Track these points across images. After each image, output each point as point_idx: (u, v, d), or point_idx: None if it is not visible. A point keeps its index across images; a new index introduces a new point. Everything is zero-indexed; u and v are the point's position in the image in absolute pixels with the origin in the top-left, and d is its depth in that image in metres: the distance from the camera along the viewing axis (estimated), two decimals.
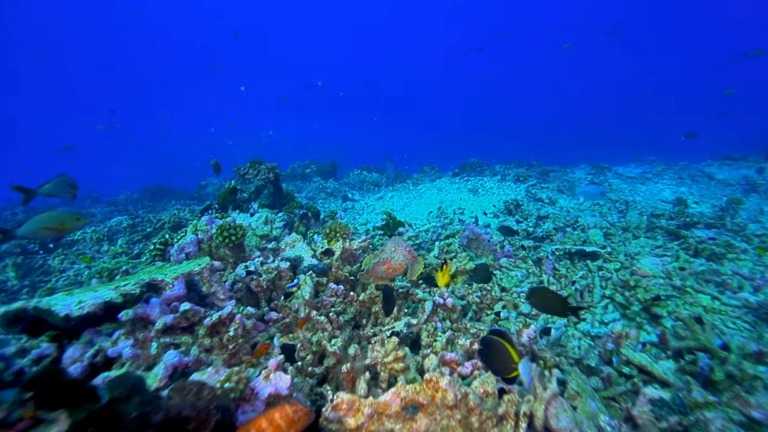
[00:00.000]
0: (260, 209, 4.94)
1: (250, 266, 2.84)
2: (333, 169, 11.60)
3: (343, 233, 3.36)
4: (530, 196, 7.83)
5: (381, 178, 11.67)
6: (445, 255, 3.99)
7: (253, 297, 2.80)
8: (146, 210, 10.70)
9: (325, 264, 3.11)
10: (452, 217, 6.42)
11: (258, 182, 5.08)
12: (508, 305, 3.27)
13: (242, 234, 2.90)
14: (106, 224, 7.30)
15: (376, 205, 8.58)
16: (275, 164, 5.16)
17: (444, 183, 9.60)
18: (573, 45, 14.38)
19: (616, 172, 10.50)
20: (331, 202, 9.03)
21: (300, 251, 3.18)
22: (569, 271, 3.63)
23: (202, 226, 2.94)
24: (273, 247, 3.31)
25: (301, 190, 10.30)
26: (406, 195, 9.10)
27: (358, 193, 9.93)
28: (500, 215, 6.66)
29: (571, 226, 5.70)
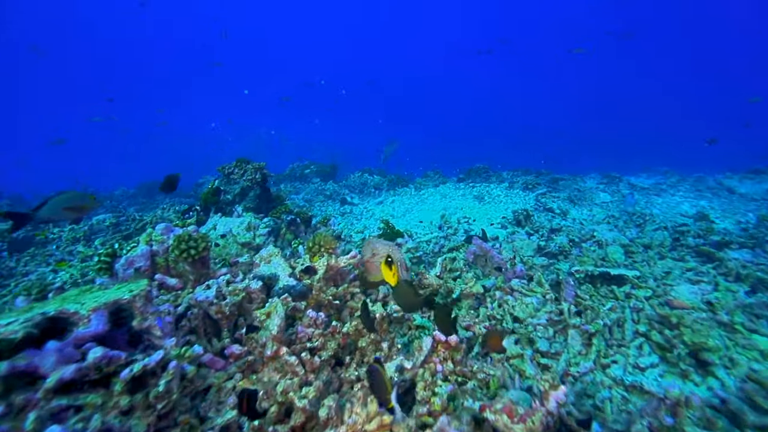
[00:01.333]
0: (244, 213, 4.43)
1: (213, 287, 2.31)
2: (333, 170, 11.09)
3: (328, 247, 2.83)
4: (540, 206, 7.27)
5: (383, 181, 11.14)
6: (448, 273, 3.45)
7: (214, 325, 2.27)
8: (139, 207, 10.24)
9: (305, 285, 2.57)
10: (457, 227, 5.88)
11: (244, 183, 4.57)
12: (521, 340, 2.72)
13: (204, 246, 2.38)
14: (88, 222, 6.80)
15: (375, 210, 8.05)
16: (263, 164, 4.64)
17: (448, 189, 9.06)
18: (584, 48, 13.82)
19: (629, 182, 9.92)
20: (328, 206, 8.51)
21: (276, 268, 2.65)
22: (593, 298, 3.07)
23: (156, 235, 2.42)
24: (246, 261, 2.78)
25: (299, 192, 9.78)
26: (408, 200, 8.57)
27: (358, 196, 9.40)
28: (509, 226, 6.11)
29: (587, 240, 5.14)
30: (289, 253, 3.46)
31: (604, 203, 7.93)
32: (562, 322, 2.77)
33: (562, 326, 2.75)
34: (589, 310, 2.77)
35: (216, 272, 2.52)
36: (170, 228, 2.47)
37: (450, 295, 3.15)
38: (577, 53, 13.19)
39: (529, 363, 2.49)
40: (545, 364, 2.51)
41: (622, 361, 2.49)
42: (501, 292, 3.21)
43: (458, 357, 2.29)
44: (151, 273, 2.43)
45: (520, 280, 3.41)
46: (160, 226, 2.43)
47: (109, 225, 6.74)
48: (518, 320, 2.85)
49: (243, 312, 2.48)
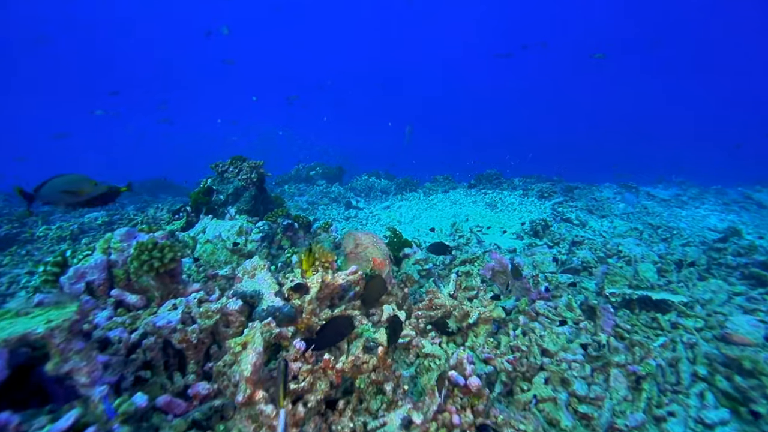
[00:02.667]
0: (237, 216, 3.99)
1: (179, 308, 1.87)
2: (340, 172, 10.66)
3: (324, 260, 2.37)
4: (557, 216, 6.77)
5: (390, 185, 10.69)
6: (462, 292, 2.97)
7: (177, 356, 1.82)
8: (140, 205, 9.88)
9: (294, 306, 2.12)
10: (469, 236, 5.40)
11: (238, 183, 4.13)
12: (553, 379, 2.24)
13: (172, 257, 1.93)
14: (79, 220, 6.42)
15: (382, 215, 7.59)
16: (260, 162, 4.21)
17: (458, 195, 8.58)
18: (603, 54, 13.28)
19: (648, 193, 9.37)
20: (333, 209, 8.07)
21: (261, 284, 2.19)
22: (636, 328, 2.58)
23: (115, 242, 1.99)
24: (227, 274, 2.33)
25: (303, 194, 9.36)
26: (416, 206, 8.10)
27: (364, 200, 8.95)
28: (525, 237, 5.61)
29: (613, 256, 4.63)
30: (282, 263, 3.01)
31: (624, 214, 7.40)
32: (601, 358, 2.28)
33: (601, 364, 2.26)
34: (637, 346, 2.28)
35: (187, 288, 2.07)
36: (132, 234, 2.03)
37: (466, 320, 2.68)
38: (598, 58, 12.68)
39: (564, 410, 2.01)
40: (584, 412, 2.02)
41: (681, 413, 2.00)
42: (525, 317, 2.73)
43: (480, 406, 1.81)
44: (106, 288, 1.99)
45: (545, 302, 2.92)
46: (119, 231, 2.00)
47: (102, 224, 6.36)
48: (548, 353, 2.36)
49: (218, 337, 2.03)
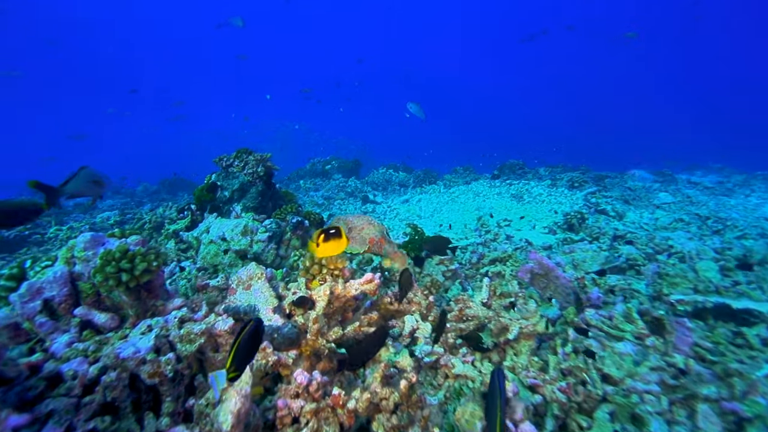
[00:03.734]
0: (243, 213, 3.63)
1: (152, 332, 1.49)
2: (356, 166, 10.25)
3: (334, 266, 1.96)
4: (590, 207, 6.18)
5: (408, 177, 10.22)
6: (497, 299, 2.51)
7: (149, 394, 1.45)
8: (157, 204, 9.72)
9: (297, 326, 1.72)
10: (497, 231, 4.90)
11: (244, 178, 3.76)
12: (619, 413, 1.77)
13: (145, 269, 1.55)
14: (91, 220, 6.23)
15: (400, 209, 7.15)
16: (267, 155, 3.82)
17: (482, 186, 8.04)
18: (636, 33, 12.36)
19: (689, 180, 8.61)
20: (349, 204, 7.67)
21: (257, 297, 1.80)
22: (722, 348, 2.07)
23: (79, 250, 1.63)
24: (219, 285, 1.94)
25: (319, 188, 9.00)
26: (437, 199, 7.62)
27: (382, 194, 8.53)
28: (558, 231, 5.08)
29: (662, 252, 4.07)
30: (286, 269, 2.62)
31: (664, 204, 6.74)
32: (681, 388, 1.80)
33: (682, 396, 1.78)
34: (735, 376, 1.78)
35: (167, 304, 1.69)
36: (99, 239, 1.66)
37: (504, 335, 2.23)
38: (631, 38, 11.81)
39: None
40: None
41: None
42: (574, 330, 2.26)
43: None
44: (70, 306, 1.63)
45: (597, 311, 2.44)
46: (83, 236, 1.63)
47: (113, 223, 6.15)
48: (611, 380, 1.89)
49: (206, 364, 1.65)
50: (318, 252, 1.64)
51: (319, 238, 1.63)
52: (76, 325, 1.61)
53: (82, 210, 8.05)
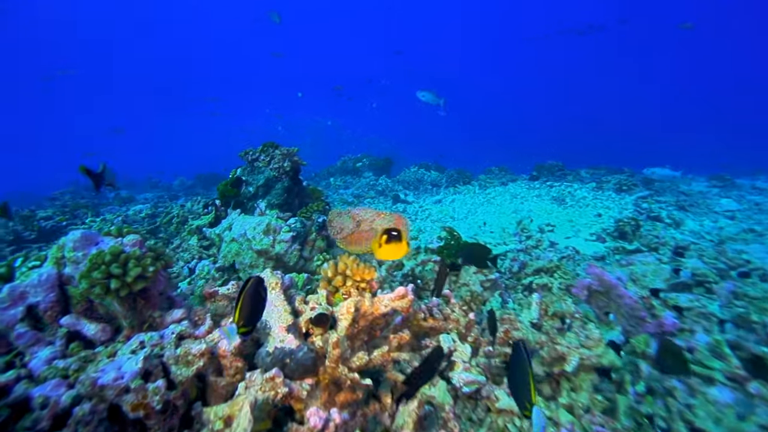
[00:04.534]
0: (268, 210, 3.40)
1: (140, 354, 1.23)
2: (387, 164, 9.95)
3: (360, 277, 1.65)
4: (641, 213, 5.59)
5: (441, 177, 9.81)
6: (549, 319, 2.13)
7: (135, 429, 1.19)
8: (190, 198, 9.82)
9: (314, 349, 1.42)
10: (539, 237, 4.46)
11: (270, 173, 3.54)
12: None
13: (139, 275, 1.30)
14: (122, 212, 6.25)
15: (432, 209, 6.78)
16: (294, 149, 3.58)
17: (519, 188, 7.54)
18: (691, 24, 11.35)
19: (754, 186, 7.75)
20: (380, 203, 7.38)
21: (270, 311, 1.52)
22: None
23: (69, 250, 1.40)
24: (229, 293, 1.68)
25: (349, 186, 8.76)
26: (471, 200, 7.19)
27: (413, 193, 8.18)
28: (608, 239, 4.57)
29: (736, 267, 3.52)
30: (308, 275, 2.33)
31: (727, 212, 6.02)
32: None
33: None
34: None
35: (165, 316, 1.44)
36: (91, 238, 1.43)
37: (559, 365, 1.85)
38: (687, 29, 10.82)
39: None
40: None
41: None
42: (647, 365, 1.85)
43: None
44: (57, 313, 1.40)
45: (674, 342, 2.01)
46: (73, 234, 1.40)
47: (145, 216, 6.14)
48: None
49: (208, 390, 1.38)
50: (379, 254, 1.49)
51: (381, 239, 1.45)
52: (63, 336, 1.39)
53: (119, 202, 8.20)
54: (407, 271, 3.13)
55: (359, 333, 1.59)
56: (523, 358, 1.24)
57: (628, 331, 2.19)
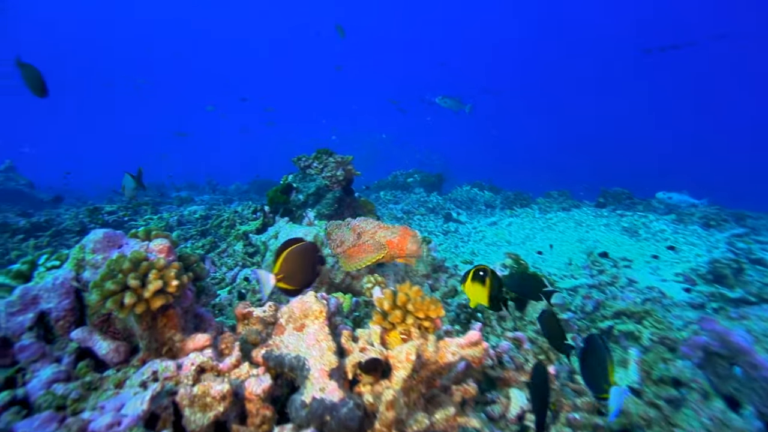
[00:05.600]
0: (316, 221, 3.17)
1: (147, 391, 0.97)
2: (439, 180, 9.59)
3: (422, 311, 1.31)
4: (737, 254, 4.77)
5: (495, 197, 9.28)
6: (654, 386, 1.65)
7: None
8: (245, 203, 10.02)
9: (361, 405, 1.09)
10: (615, 272, 3.87)
11: (321, 181, 3.32)
12: None
13: (158, 289, 1.06)
14: (179, 211, 6.38)
15: (487, 231, 6.31)
16: (349, 158, 3.35)
17: (585, 215, 6.87)
18: None
19: None
20: (430, 221, 7.02)
21: (310, 347, 1.22)
22: None
23: (89, 253, 1.19)
24: (266, 315, 1.40)
25: (399, 201, 8.48)
26: (530, 224, 6.63)
27: (466, 213, 7.73)
28: (698, 281, 3.88)
29: None
30: (354, 301, 2.03)
31: None
32: None
33: None
34: None
35: (187, 340, 1.19)
36: (116, 239, 1.21)
37: None
38: None
39: None
40: None
41: None
42: None
43: None
44: (70, 323, 1.19)
45: None
46: (95, 233, 1.19)
47: (198, 218, 6.21)
48: None
49: None
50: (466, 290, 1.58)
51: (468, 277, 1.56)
52: (72, 352, 1.17)
53: (178, 202, 8.49)
54: (465, 300, 2.75)
55: (417, 384, 1.25)
56: (600, 345, 1.25)
57: (763, 414, 1.65)
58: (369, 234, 2.11)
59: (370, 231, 2.11)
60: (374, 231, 2.09)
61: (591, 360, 1.27)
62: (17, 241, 4.72)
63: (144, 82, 16.66)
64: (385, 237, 2.06)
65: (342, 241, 2.16)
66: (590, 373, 1.28)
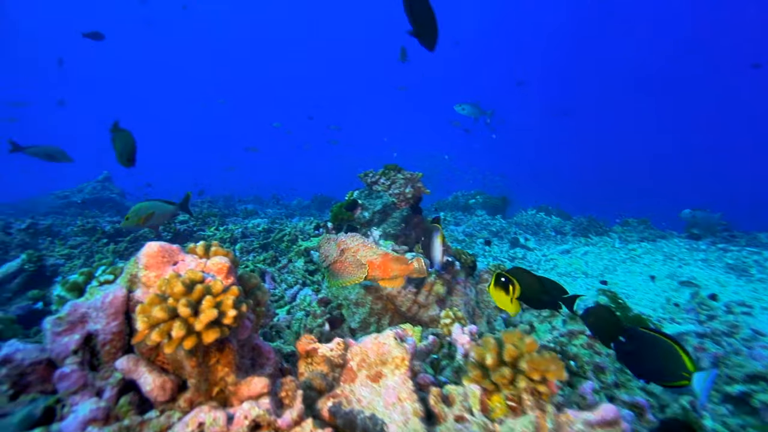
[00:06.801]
0: (382, 240, 2.94)
1: None
2: (503, 203, 9.05)
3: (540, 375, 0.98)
4: None
5: (563, 224, 8.53)
6: None
7: None
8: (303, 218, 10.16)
9: None
10: (732, 320, 3.19)
11: (388, 199, 3.10)
12: None
13: (213, 320, 0.85)
14: (244, 224, 6.51)
15: (559, 260, 5.70)
16: (419, 174, 3.10)
17: (675, 247, 6.00)
18: None
19: None
20: (494, 245, 6.53)
21: (390, 407, 0.95)
22: None
23: (142, 269, 1.02)
24: (332, 355, 1.16)
25: (460, 224, 8.08)
26: (609, 255, 5.91)
27: (534, 238, 7.13)
28: None
29: None
30: (431, 338, 1.72)
31: None
32: None
33: None
34: None
35: (241, 385, 0.96)
36: (171, 254, 1.03)
37: None
38: None
39: None
40: None
41: None
42: None
43: None
44: (117, 349, 1.02)
45: None
46: (149, 247, 1.02)
47: (262, 231, 6.29)
48: None
49: None
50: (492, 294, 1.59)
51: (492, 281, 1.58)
52: (115, 384, 1.00)
53: (243, 214, 8.78)
54: (546, 342, 2.33)
55: None
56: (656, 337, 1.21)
57: None
58: (351, 251, 2.08)
59: (352, 248, 2.08)
60: (356, 249, 2.06)
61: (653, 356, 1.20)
62: (101, 244, 5.02)
63: (223, 102, 18.07)
64: (365, 257, 2.04)
65: (327, 256, 2.14)
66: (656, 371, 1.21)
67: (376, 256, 2.12)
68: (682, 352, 1.17)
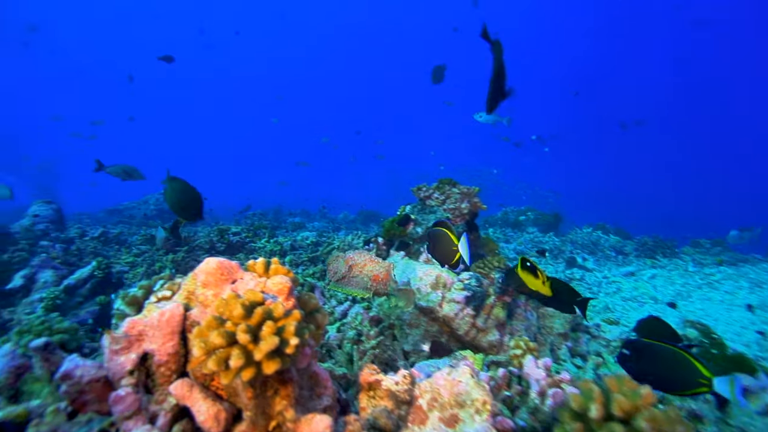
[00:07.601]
0: None
1: None
2: (556, 220, 8.55)
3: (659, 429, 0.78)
4: None
5: (623, 243, 7.87)
6: None
7: None
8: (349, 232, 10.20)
9: None
10: None
11: (443, 214, 2.95)
12: None
13: (273, 349, 0.75)
14: (293, 236, 6.59)
15: (623, 283, 5.21)
16: (475, 189, 2.93)
17: (763, 273, 5.30)
18: None
19: None
20: (548, 264, 6.13)
21: None
22: None
23: (200, 287, 0.95)
24: (396, 390, 1.02)
25: (510, 241, 7.71)
26: (681, 279, 5.32)
27: (593, 259, 6.62)
28: None
29: None
30: (501, 370, 1.53)
31: None
32: None
33: None
34: None
35: (301, 422, 0.85)
36: (230, 271, 0.95)
37: None
38: None
39: None
40: None
41: None
42: None
43: None
44: (173, 371, 0.95)
45: None
46: (208, 263, 0.95)
47: (310, 244, 6.33)
48: None
49: None
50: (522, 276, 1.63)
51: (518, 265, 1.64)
52: (170, 410, 0.92)
53: (292, 227, 8.96)
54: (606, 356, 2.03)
55: None
56: (663, 347, 1.20)
57: None
58: (359, 267, 2.30)
59: (360, 264, 2.29)
60: (364, 264, 2.27)
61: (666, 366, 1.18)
62: (161, 254, 5.26)
63: (277, 121, 18.94)
64: (372, 271, 2.25)
65: (335, 272, 2.35)
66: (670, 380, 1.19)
67: (381, 270, 2.31)
68: (692, 359, 1.16)
